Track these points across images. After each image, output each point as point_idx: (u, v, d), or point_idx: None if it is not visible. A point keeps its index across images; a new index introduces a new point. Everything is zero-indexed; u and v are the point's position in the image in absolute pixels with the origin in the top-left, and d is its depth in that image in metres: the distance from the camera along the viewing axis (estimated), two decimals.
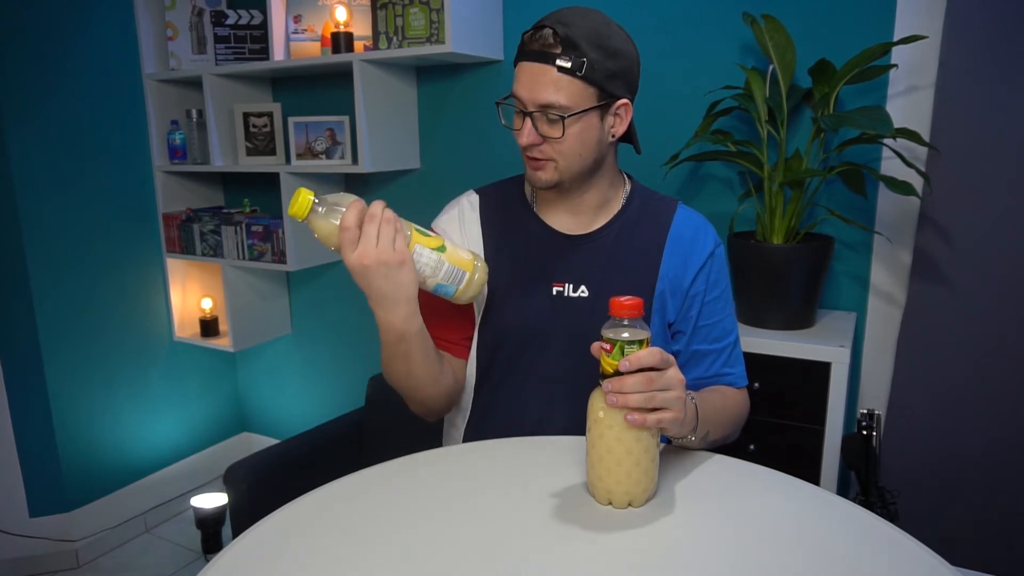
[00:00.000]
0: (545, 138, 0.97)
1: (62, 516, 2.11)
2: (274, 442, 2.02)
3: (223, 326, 2.39)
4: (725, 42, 1.66)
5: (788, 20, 1.50)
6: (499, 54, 1.92)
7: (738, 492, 0.86)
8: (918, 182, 1.45)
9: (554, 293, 1.06)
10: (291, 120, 2.06)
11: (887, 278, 1.58)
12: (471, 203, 1.14)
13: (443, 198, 1.20)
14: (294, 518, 0.81)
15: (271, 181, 2.31)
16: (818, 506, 0.83)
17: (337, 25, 1.93)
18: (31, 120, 1.96)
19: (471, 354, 1.13)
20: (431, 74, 2.05)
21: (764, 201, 1.48)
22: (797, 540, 0.75)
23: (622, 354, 0.77)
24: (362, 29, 1.98)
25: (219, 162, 2.18)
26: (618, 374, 0.77)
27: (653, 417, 0.78)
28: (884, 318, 1.59)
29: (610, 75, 0.96)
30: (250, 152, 2.19)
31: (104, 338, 2.19)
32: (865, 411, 1.59)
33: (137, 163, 2.25)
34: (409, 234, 0.92)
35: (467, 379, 1.14)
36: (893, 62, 1.48)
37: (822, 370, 1.38)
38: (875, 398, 1.63)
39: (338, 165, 2.05)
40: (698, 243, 1.08)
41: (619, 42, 0.97)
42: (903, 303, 1.55)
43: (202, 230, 2.23)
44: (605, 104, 0.98)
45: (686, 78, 1.70)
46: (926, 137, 1.45)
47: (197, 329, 2.39)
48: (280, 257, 2.11)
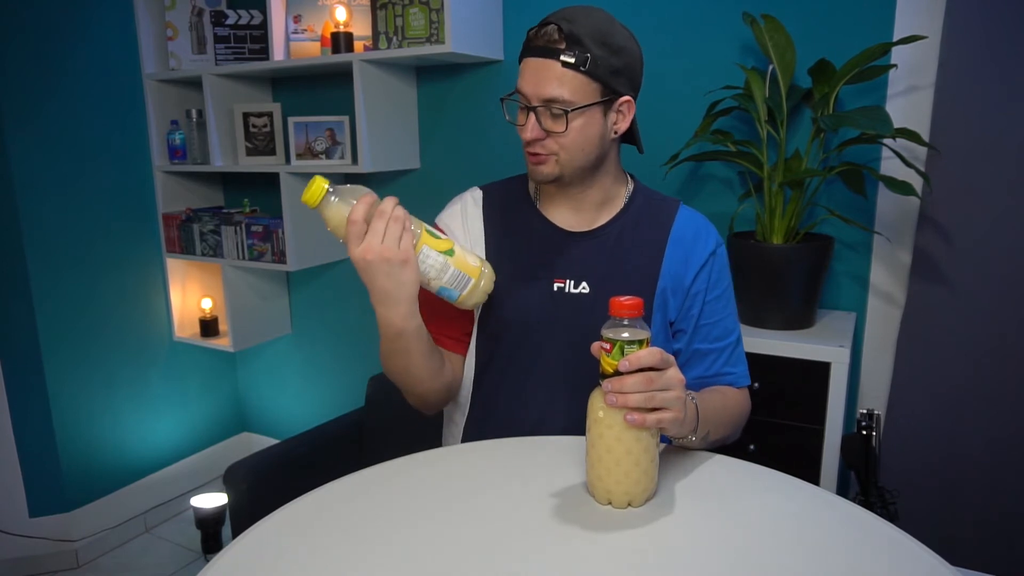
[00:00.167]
0: (548, 132, 0.98)
1: (62, 516, 2.11)
2: (274, 442, 2.02)
3: (223, 326, 2.39)
4: (725, 42, 1.66)
5: (788, 20, 1.50)
6: (499, 54, 1.92)
7: (738, 492, 0.86)
8: (918, 182, 1.45)
9: (555, 289, 1.07)
10: (291, 120, 2.06)
11: (887, 278, 1.58)
12: (474, 199, 1.14)
13: (443, 198, 1.20)
14: (294, 518, 0.81)
15: (271, 181, 2.31)
16: (818, 506, 0.83)
17: (337, 25, 1.93)
18: (31, 120, 1.96)
19: (471, 349, 1.13)
20: (431, 74, 2.05)
21: (764, 201, 1.48)
22: (797, 540, 0.75)
23: (622, 354, 0.77)
24: (362, 29, 1.98)
25: (219, 162, 2.18)
26: (618, 374, 0.77)
27: (653, 417, 0.78)
28: (884, 318, 1.59)
29: (614, 71, 0.97)
30: (250, 152, 2.19)
31: (104, 338, 2.19)
32: (865, 411, 1.59)
33: (137, 163, 2.25)
34: (419, 233, 0.92)
35: (466, 375, 1.14)
36: (893, 62, 1.48)
37: (822, 370, 1.38)
38: (875, 398, 1.63)
39: (338, 165, 2.05)
40: (700, 242, 1.08)
41: (623, 39, 0.98)
42: (903, 303, 1.55)
43: (202, 230, 2.23)
44: (608, 100, 0.99)
45: (686, 78, 1.70)
46: (926, 137, 1.45)
47: (197, 329, 2.39)
48: (280, 257, 2.11)
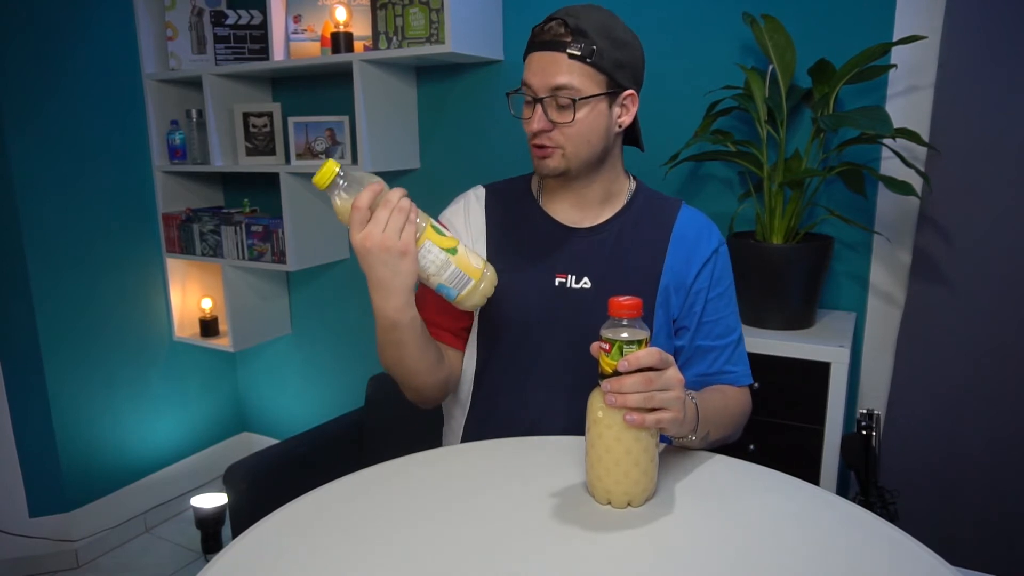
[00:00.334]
0: (554, 124, 0.99)
1: (62, 516, 2.11)
2: (274, 442, 2.02)
3: (223, 326, 2.39)
4: (725, 42, 1.66)
5: (788, 20, 1.50)
6: (499, 54, 1.92)
7: (738, 492, 0.86)
8: (918, 182, 1.45)
9: (556, 284, 1.07)
10: (291, 120, 2.07)
11: (887, 278, 1.58)
12: (477, 196, 1.16)
13: (443, 198, 1.20)
14: (294, 518, 0.81)
15: (271, 181, 2.31)
16: (818, 506, 0.83)
17: (337, 25, 1.93)
18: (31, 120, 1.96)
19: (471, 344, 1.13)
20: (431, 74, 2.05)
21: (764, 201, 1.48)
22: (797, 540, 0.75)
23: (621, 354, 0.77)
24: (362, 29, 1.97)
25: (219, 162, 2.18)
26: (617, 374, 0.77)
27: (652, 417, 0.78)
28: (884, 318, 1.59)
29: (618, 64, 0.99)
30: (250, 152, 2.19)
31: (104, 338, 2.19)
32: (865, 411, 1.59)
33: (137, 163, 2.25)
34: (423, 227, 0.92)
35: (467, 370, 1.14)
36: (893, 62, 1.48)
37: (822, 370, 1.38)
38: (875, 398, 1.63)
39: None
40: (702, 240, 1.09)
41: (626, 35, 1.01)
42: (903, 303, 1.55)
43: (202, 230, 2.23)
44: (613, 93, 1.00)
45: (686, 78, 1.70)
46: (926, 137, 1.45)
47: (197, 329, 2.39)
48: (280, 257, 2.11)
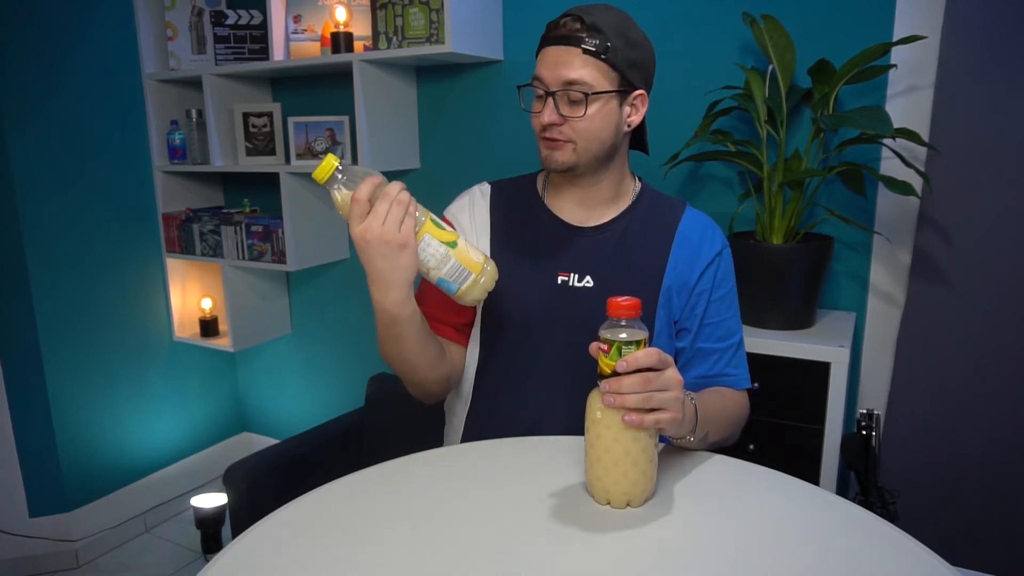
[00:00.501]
0: (565, 118, 0.99)
1: (62, 516, 2.11)
2: (274, 442, 2.02)
3: (223, 326, 2.39)
4: (725, 42, 1.66)
5: (788, 20, 1.50)
6: (499, 54, 1.92)
7: (738, 492, 0.86)
8: (918, 182, 1.45)
9: (559, 282, 1.07)
10: (291, 120, 2.06)
11: (887, 278, 1.58)
12: (482, 192, 1.16)
13: (443, 198, 1.20)
14: (294, 518, 0.81)
15: (271, 181, 2.31)
16: (818, 506, 0.83)
17: (337, 25, 1.93)
18: (31, 120, 1.96)
19: (473, 342, 1.13)
20: (431, 74, 2.05)
21: (764, 201, 1.48)
22: (797, 540, 0.75)
23: (619, 354, 0.77)
24: (362, 29, 1.97)
25: (219, 162, 2.18)
26: (616, 374, 0.77)
27: (651, 418, 0.78)
28: (884, 318, 1.59)
29: (631, 63, 0.99)
30: (250, 152, 2.19)
31: (104, 338, 2.19)
32: (865, 411, 1.59)
33: (137, 163, 2.25)
34: (423, 220, 0.92)
35: (468, 366, 1.14)
36: (892, 62, 1.48)
37: (822, 370, 1.38)
38: (875, 398, 1.63)
39: None
40: (706, 243, 1.09)
41: (639, 35, 1.01)
42: (903, 303, 1.55)
43: (202, 230, 2.23)
44: (624, 91, 1.01)
45: (686, 78, 1.70)
46: (925, 137, 1.45)
47: (197, 329, 2.39)
48: (280, 257, 2.11)
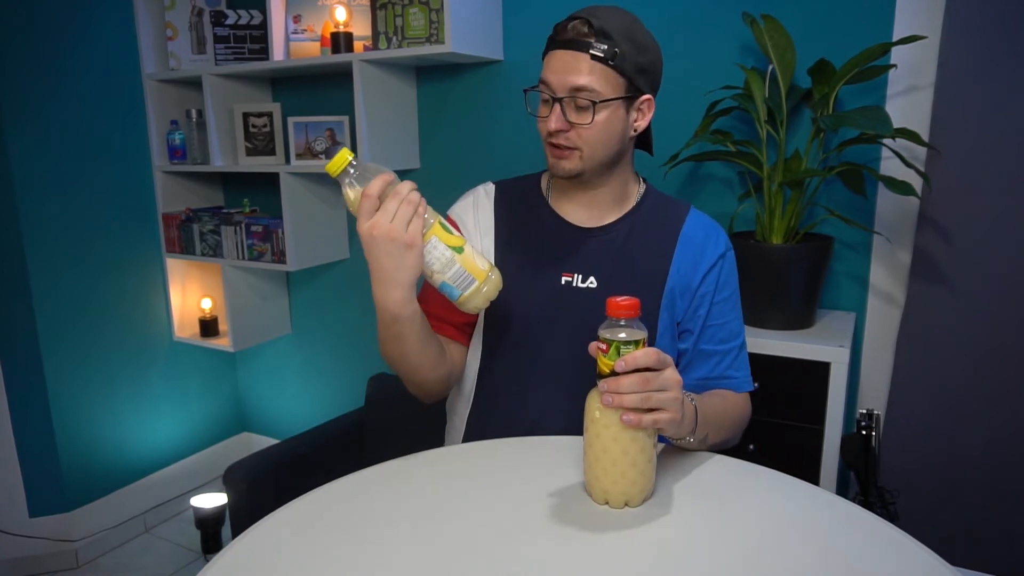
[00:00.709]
0: (572, 124, 0.99)
1: (62, 516, 2.11)
2: (274, 442, 2.02)
3: (223, 326, 2.39)
4: (725, 42, 1.66)
5: (788, 20, 1.50)
6: (499, 54, 1.92)
7: (738, 492, 0.86)
8: (917, 182, 1.45)
9: (563, 283, 1.07)
10: (291, 120, 2.06)
11: (887, 278, 1.58)
12: (487, 192, 1.16)
13: (443, 198, 1.20)
14: (294, 518, 0.81)
15: (271, 181, 2.31)
16: (818, 506, 0.83)
17: (337, 25, 1.93)
18: (31, 120, 1.96)
19: (476, 341, 1.13)
20: (431, 74, 2.05)
21: (764, 201, 1.48)
22: (796, 540, 0.75)
23: (618, 354, 0.77)
24: (362, 29, 1.97)
25: (219, 162, 2.18)
26: (615, 374, 0.77)
27: (649, 418, 0.78)
28: (884, 318, 1.59)
29: (639, 69, 0.99)
30: (250, 152, 2.19)
31: (104, 338, 2.19)
32: (865, 411, 1.59)
33: (137, 163, 2.25)
34: (431, 222, 0.91)
35: (470, 366, 1.14)
36: (892, 62, 1.48)
37: (822, 370, 1.38)
38: (875, 398, 1.63)
39: None
40: (710, 244, 1.09)
41: (648, 39, 1.01)
42: (903, 303, 1.55)
43: (202, 230, 2.23)
44: (631, 97, 1.00)
45: (686, 78, 1.70)
46: (925, 137, 1.45)
47: (197, 329, 2.39)
48: (280, 257, 2.11)
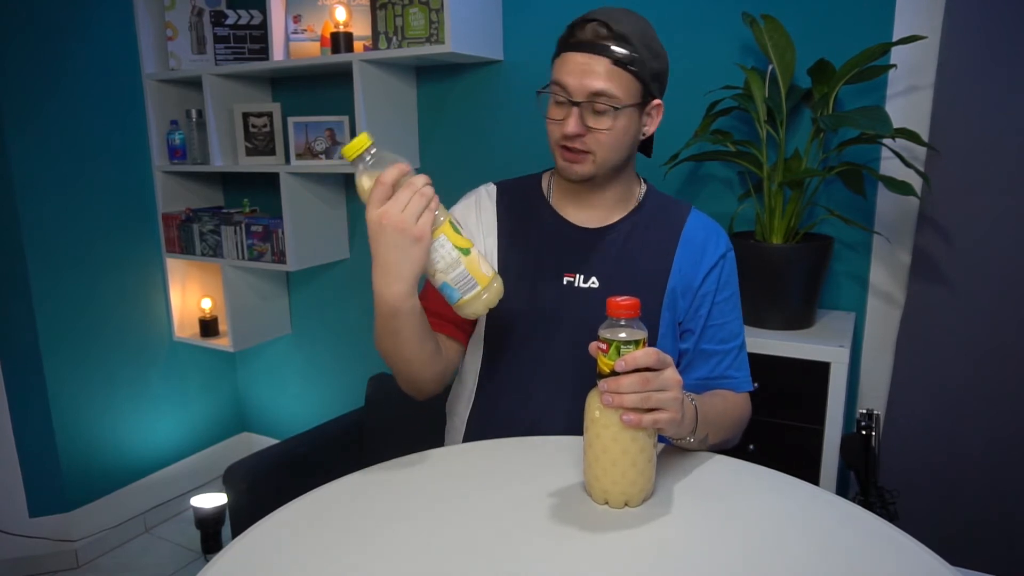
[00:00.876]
0: (590, 129, 0.99)
1: (62, 516, 2.11)
2: (274, 442, 2.02)
3: (223, 326, 2.39)
4: (725, 42, 1.66)
5: (788, 20, 1.50)
6: (499, 54, 1.92)
7: (737, 492, 0.86)
8: (917, 182, 1.45)
9: (564, 283, 1.07)
10: (291, 120, 2.06)
11: (886, 278, 1.58)
12: (489, 193, 1.16)
13: (443, 198, 1.18)
14: (294, 518, 0.81)
15: (271, 181, 2.31)
16: (818, 506, 0.83)
17: (337, 25, 1.93)
18: (31, 120, 1.96)
19: (478, 339, 1.13)
20: (431, 74, 2.05)
21: (763, 201, 1.48)
22: (796, 540, 0.75)
23: (618, 354, 0.77)
24: (362, 29, 1.97)
25: (219, 162, 2.18)
26: (615, 374, 0.77)
27: (649, 418, 0.78)
28: (884, 318, 1.59)
29: (654, 75, 0.99)
30: (250, 152, 2.19)
31: (104, 338, 2.19)
32: (864, 411, 1.59)
33: (137, 163, 2.25)
34: (442, 220, 0.88)
35: (472, 365, 1.14)
36: (892, 62, 1.48)
37: (822, 370, 1.38)
38: (875, 398, 1.63)
39: (338, 165, 2.04)
40: (711, 245, 1.10)
41: (659, 45, 1.02)
42: (902, 303, 1.55)
43: (202, 230, 2.23)
44: (644, 102, 1.01)
45: (686, 78, 1.70)
46: (925, 137, 1.45)
47: (197, 329, 2.39)
48: (280, 257, 2.11)
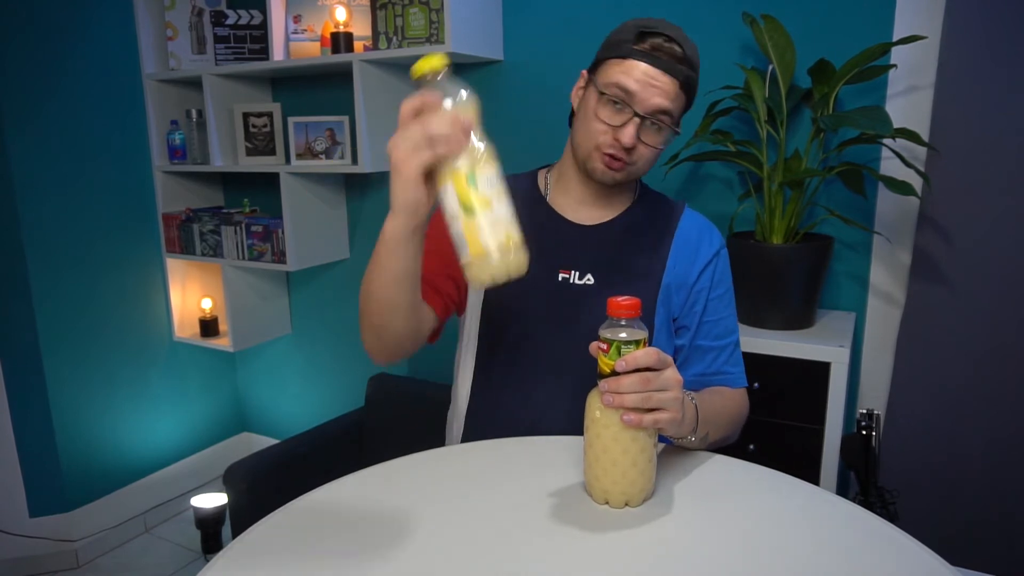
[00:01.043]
0: (643, 143, 1.00)
1: (62, 516, 2.11)
2: (274, 442, 2.02)
3: (223, 326, 2.39)
4: (725, 42, 1.66)
5: (788, 20, 1.50)
6: (499, 54, 1.92)
7: (737, 492, 0.86)
8: (917, 182, 1.45)
9: (560, 279, 1.07)
10: (291, 120, 2.06)
11: (887, 278, 1.58)
12: None
13: None
14: (294, 518, 0.81)
15: (271, 181, 2.31)
16: (818, 506, 0.83)
17: (337, 25, 1.93)
18: (31, 120, 1.96)
19: (471, 337, 1.12)
20: None
21: (764, 201, 1.48)
22: (796, 540, 0.75)
23: (619, 354, 0.77)
24: (362, 29, 1.97)
25: (219, 162, 2.18)
26: (615, 374, 0.77)
27: (649, 418, 0.78)
28: (884, 318, 1.59)
29: (694, 96, 1.04)
30: (250, 152, 2.19)
31: (104, 338, 2.19)
32: (865, 411, 1.59)
33: (137, 163, 2.25)
34: (459, 168, 0.76)
35: (467, 363, 1.13)
36: (892, 62, 1.48)
37: (822, 370, 1.38)
38: (875, 398, 1.63)
39: (338, 165, 2.04)
40: (705, 242, 1.11)
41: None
42: (903, 303, 1.55)
43: (202, 230, 2.23)
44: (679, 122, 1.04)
45: None
46: (925, 137, 1.45)
47: (197, 329, 2.39)
48: (280, 257, 2.11)
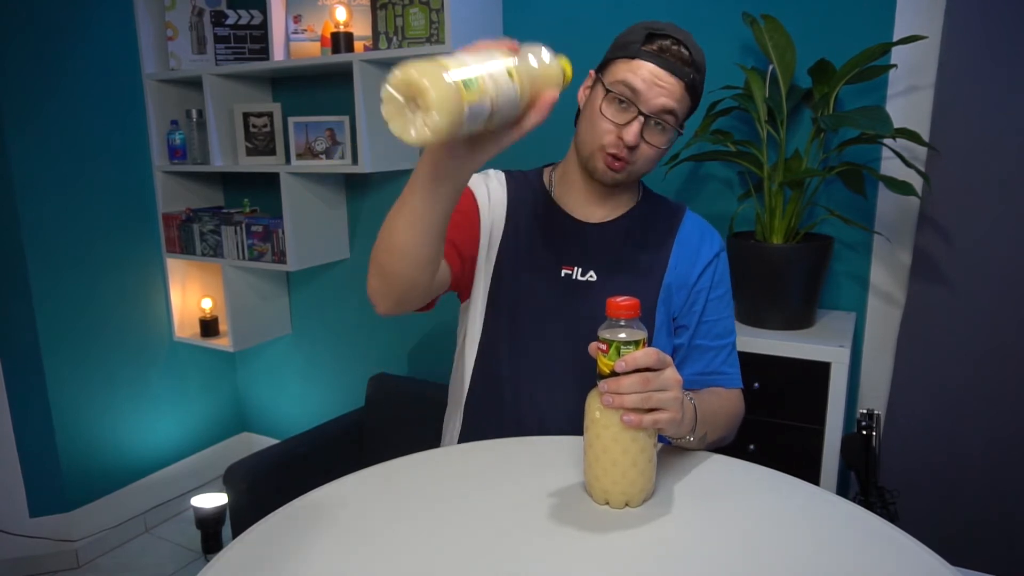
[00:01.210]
0: (646, 143, 1.01)
1: (62, 516, 2.11)
2: (274, 442, 2.02)
3: (223, 326, 2.39)
4: (725, 42, 1.65)
5: (788, 20, 1.50)
6: None
7: (737, 492, 0.86)
8: (918, 182, 1.45)
9: (562, 275, 1.08)
10: (291, 120, 2.06)
11: (887, 278, 1.58)
12: (498, 177, 1.16)
13: None
14: (294, 518, 0.81)
15: (271, 181, 2.30)
16: (818, 506, 0.83)
17: (337, 25, 1.93)
18: (31, 120, 1.96)
19: (475, 329, 1.12)
20: None
21: (764, 201, 1.48)
22: (797, 540, 0.75)
23: (618, 354, 0.77)
24: (362, 29, 1.97)
25: (219, 162, 2.18)
26: (615, 374, 0.77)
27: (649, 418, 0.78)
28: (884, 318, 1.59)
29: (699, 100, 1.04)
30: (250, 152, 2.19)
31: (104, 338, 2.19)
32: (865, 411, 1.59)
33: (137, 163, 2.25)
34: (472, 78, 0.64)
35: (468, 356, 1.13)
36: (893, 62, 1.48)
37: (822, 370, 1.38)
38: (875, 398, 1.63)
39: (338, 165, 2.04)
40: (705, 244, 1.12)
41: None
42: (903, 303, 1.55)
43: (202, 230, 2.23)
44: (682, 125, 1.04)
45: None
46: (926, 137, 1.45)
47: (197, 329, 2.39)
48: (280, 257, 2.11)
